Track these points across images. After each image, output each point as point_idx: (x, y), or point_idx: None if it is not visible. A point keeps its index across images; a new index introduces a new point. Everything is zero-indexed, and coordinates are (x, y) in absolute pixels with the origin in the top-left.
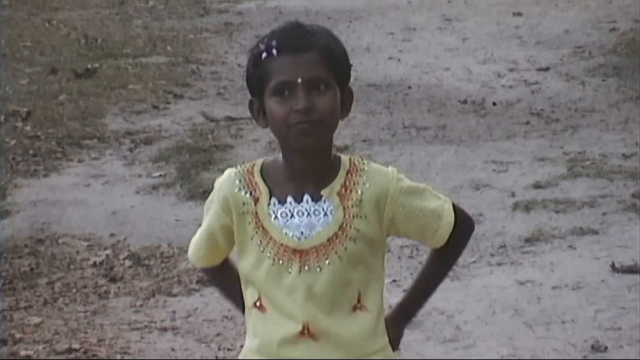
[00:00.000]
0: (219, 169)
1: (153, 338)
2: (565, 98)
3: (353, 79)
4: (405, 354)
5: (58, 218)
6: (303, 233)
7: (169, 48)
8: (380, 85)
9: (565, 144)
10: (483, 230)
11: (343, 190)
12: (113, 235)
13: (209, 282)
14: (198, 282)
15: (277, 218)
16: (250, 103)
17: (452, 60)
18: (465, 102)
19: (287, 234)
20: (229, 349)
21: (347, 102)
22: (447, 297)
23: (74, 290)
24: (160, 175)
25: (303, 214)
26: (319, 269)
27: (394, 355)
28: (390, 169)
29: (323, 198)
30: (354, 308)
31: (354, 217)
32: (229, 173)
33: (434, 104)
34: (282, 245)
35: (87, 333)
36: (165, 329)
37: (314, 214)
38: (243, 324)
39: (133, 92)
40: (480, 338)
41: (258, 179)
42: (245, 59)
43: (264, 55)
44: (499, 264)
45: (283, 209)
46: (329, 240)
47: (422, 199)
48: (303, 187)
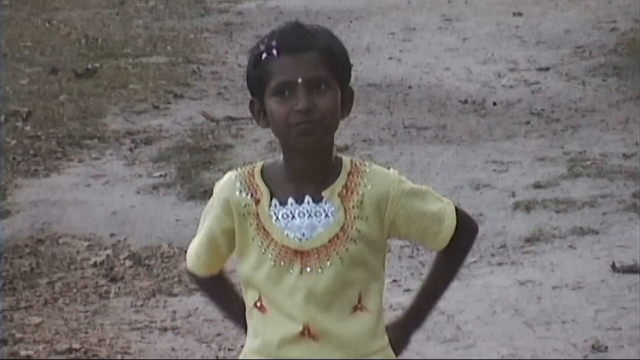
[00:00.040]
0: (220, 169)
1: (153, 338)
2: (566, 98)
3: (353, 79)
4: (406, 354)
5: (58, 218)
6: (304, 234)
7: (170, 48)
8: (381, 85)
9: (566, 144)
10: (483, 230)
11: (344, 192)
12: (113, 235)
13: (205, 294)
14: None
15: (278, 219)
16: (251, 103)
17: (452, 60)
18: (466, 102)
19: (288, 235)
20: (230, 349)
21: (347, 102)
22: (447, 297)
23: (75, 290)
24: (161, 175)
25: (304, 215)
26: (320, 270)
27: (394, 356)
28: (392, 171)
29: (324, 199)
30: (355, 308)
31: (355, 218)
32: (229, 176)
33: (434, 104)
34: (283, 247)
35: (87, 333)
36: (166, 329)
37: (315, 215)
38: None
39: (133, 92)
40: (481, 338)
41: (259, 181)
42: (246, 59)
43: (264, 56)
44: (500, 264)
45: (284, 211)
46: (330, 242)
47: (423, 202)
48: (304, 188)
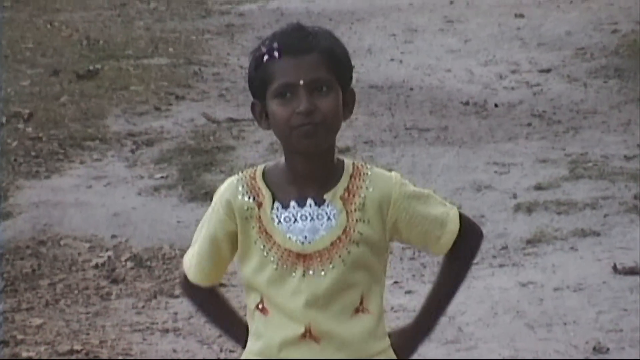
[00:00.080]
0: (221, 171)
1: (155, 339)
2: (567, 99)
3: (355, 81)
4: None
5: (60, 219)
6: (307, 237)
7: (171, 49)
8: (382, 87)
9: (567, 146)
10: (485, 232)
11: (346, 195)
12: (115, 237)
13: (202, 310)
14: None
15: (280, 222)
16: (253, 105)
17: (453, 62)
18: (467, 103)
19: (290, 239)
20: (231, 351)
21: (349, 103)
22: None
23: (76, 292)
24: (162, 177)
25: (306, 218)
26: (323, 273)
27: (395, 358)
28: (394, 174)
29: (326, 202)
30: (356, 310)
31: (357, 221)
32: (231, 180)
33: (436, 106)
34: (285, 250)
35: (88, 334)
36: (167, 331)
37: (317, 218)
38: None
39: (135, 93)
40: (482, 339)
41: (261, 184)
42: (247, 61)
43: (266, 58)
44: (501, 266)
45: (286, 214)
46: (333, 245)
47: (426, 205)
48: (306, 190)
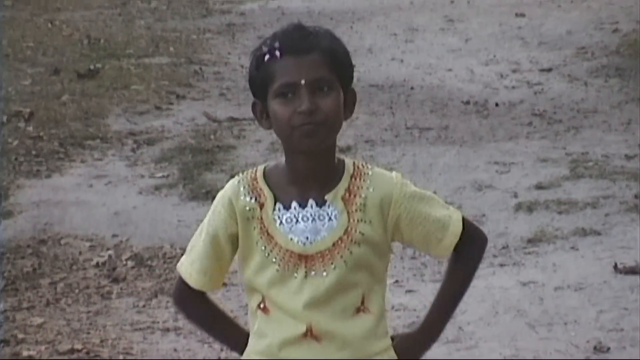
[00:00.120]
0: (222, 170)
1: (155, 339)
2: (568, 99)
3: (355, 80)
4: None
5: (60, 218)
6: (308, 238)
7: (172, 49)
8: (383, 86)
9: (568, 145)
10: (485, 231)
11: (347, 195)
12: (115, 236)
13: (197, 322)
14: None
15: (282, 223)
16: (253, 105)
17: (454, 61)
18: (468, 103)
19: (292, 240)
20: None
21: (350, 103)
22: None
23: (77, 291)
24: (163, 176)
25: (308, 219)
26: (325, 274)
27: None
28: (395, 174)
29: (327, 203)
30: (357, 310)
31: (359, 221)
32: (232, 182)
33: (437, 105)
34: (287, 251)
35: (89, 334)
36: (168, 330)
37: (319, 219)
38: (246, 324)
39: (136, 92)
40: (483, 339)
41: (262, 185)
42: (248, 60)
43: (267, 57)
44: (502, 265)
45: (288, 215)
46: (334, 245)
47: (428, 206)
48: (307, 191)
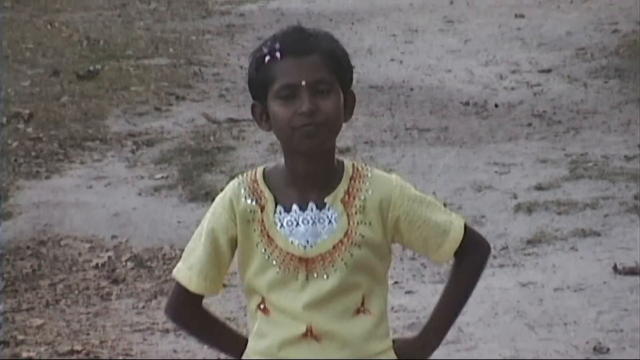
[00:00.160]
0: (221, 171)
1: (155, 340)
2: (567, 100)
3: (355, 81)
4: None
5: (60, 220)
6: (309, 241)
7: (171, 50)
8: (382, 87)
9: (567, 146)
10: (485, 232)
11: (346, 197)
12: (115, 237)
13: (191, 331)
14: None
15: (283, 226)
16: (253, 107)
17: (454, 62)
18: (467, 103)
19: (292, 243)
20: None
21: (349, 105)
22: None
23: (76, 292)
24: (162, 177)
25: (308, 222)
26: (326, 276)
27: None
28: (394, 176)
29: (327, 205)
30: (357, 311)
31: (359, 223)
32: (233, 183)
33: (436, 106)
34: (288, 254)
35: (89, 335)
36: (168, 331)
37: (319, 222)
38: (245, 326)
39: (135, 93)
40: (483, 340)
41: (263, 187)
42: (247, 61)
43: (268, 59)
44: (501, 266)
45: (289, 217)
46: (335, 248)
47: (427, 210)
48: (307, 193)
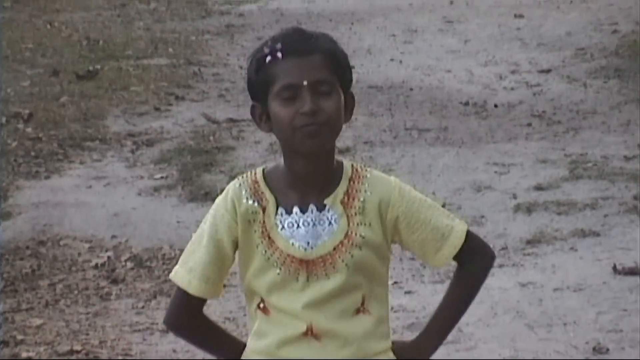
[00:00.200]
0: (221, 171)
1: (155, 340)
2: (567, 100)
3: (355, 81)
4: None
5: (59, 220)
6: (309, 243)
7: (171, 50)
8: (382, 87)
9: (567, 146)
10: (484, 233)
11: (346, 198)
12: (115, 237)
13: (191, 338)
14: None
15: (284, 228)
16: (253, 108)
17: (453, 62)
18: (467, 104)
19: (293, 245)
20: None
21: (349, 105)
22: None
23: (76, 292)
24: (162, 177)
25: (308, 224)
26: (327, 278)
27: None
28: (393, 178)
29: (327, 207)
30: (357, 311)
31: (359, 224)
32: (233, 184)
33: (436, 106)
34: (288, 256)
35: (88, 335)
36: (167, 331)
37: (319, 224)
38: (245, 326)
39: (135, 93)
40: (482, 340)
41: (264, 188)
42: (247, 62)
43: (269, 59)
44: (501, 266)
45: (289, 219)
46: (335, 249)
47: (428, 213)
48: (307, 195)
